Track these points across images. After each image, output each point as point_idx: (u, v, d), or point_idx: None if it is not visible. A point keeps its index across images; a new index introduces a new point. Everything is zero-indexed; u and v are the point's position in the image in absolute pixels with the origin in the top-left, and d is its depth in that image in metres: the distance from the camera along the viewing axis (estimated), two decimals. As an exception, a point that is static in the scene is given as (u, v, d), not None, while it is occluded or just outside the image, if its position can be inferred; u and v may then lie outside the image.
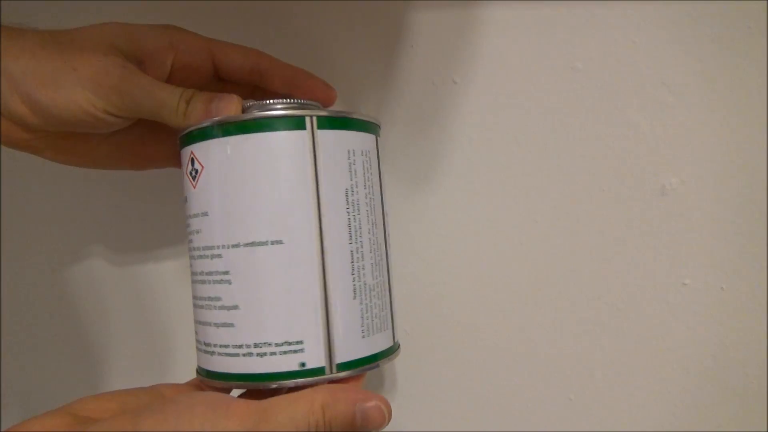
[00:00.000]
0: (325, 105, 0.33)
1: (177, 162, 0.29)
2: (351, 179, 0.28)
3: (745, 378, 0.33)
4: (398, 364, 0.40)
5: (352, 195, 0.28)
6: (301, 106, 0.29)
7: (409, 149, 0.38)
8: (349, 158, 0.28)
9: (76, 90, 0.27)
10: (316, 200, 0.27)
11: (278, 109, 0.28)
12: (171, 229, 0.44)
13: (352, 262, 0.27)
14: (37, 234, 0.48)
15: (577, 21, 0.34)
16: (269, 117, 0.27)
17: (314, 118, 0.27)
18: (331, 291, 0.27)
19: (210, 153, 0.27)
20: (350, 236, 0.27)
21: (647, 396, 0.35)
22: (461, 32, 0.36)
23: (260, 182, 0.26)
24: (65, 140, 0.30)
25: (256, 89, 0.33)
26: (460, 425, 0.39)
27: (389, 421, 0.25)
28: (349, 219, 0.27)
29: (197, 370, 0.29)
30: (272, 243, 0.26)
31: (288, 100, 0.29)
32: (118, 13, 0.42)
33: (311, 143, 0.27)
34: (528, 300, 0.37)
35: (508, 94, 0.36)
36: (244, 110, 0.28)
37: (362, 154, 0.28)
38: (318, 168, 0.27)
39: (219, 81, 0.33)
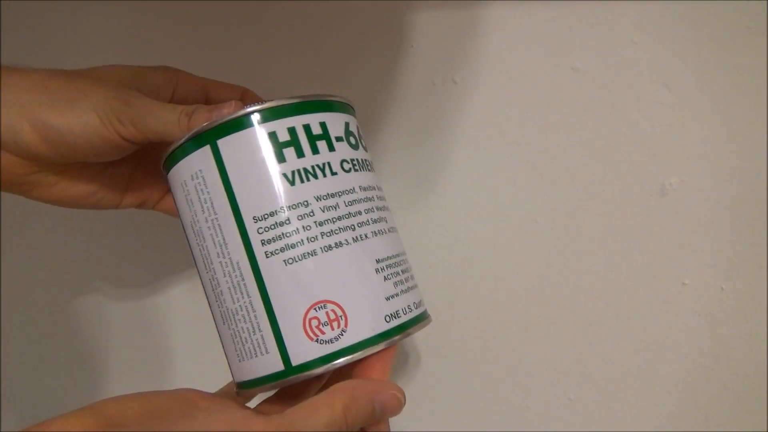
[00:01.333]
0: None
1: (163, 205, 0.35)
2: (190, 210, 0.28)
3: (745, 378, 0.33)
4: (398, 364, 0.40)
5: (196, 225, 0.28)
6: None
7: (408, 149, 0.38)
8: (183, 190, 0.28)
9: (90, 113, 0.28)
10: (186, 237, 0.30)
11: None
12: (172, 235, 0.44)
13: (212, 290, 0.28)
14: (37, 234, 0.48)
15: (577, 21, 0.34)
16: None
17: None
18: (216, 319, 0.29)
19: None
20: (205, 266, 0.28)
21: (647, 396, 0.35)
22: (461, 32, 0.36)
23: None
24: (61, 174, 0.31)
25: None
26: (460, 425, 0.39)
27: (404, 405, 0.26)
28: (199, 249, 0.28)
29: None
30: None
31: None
32: (120, 12, 0.42)
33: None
34: (528, 300, 0.37)
35: (508, 94, 0.36)
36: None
37: (193, 178, 0.27)
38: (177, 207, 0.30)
39: None
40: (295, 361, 0.26)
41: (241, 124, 0.27)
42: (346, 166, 0.28)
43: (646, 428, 0.35)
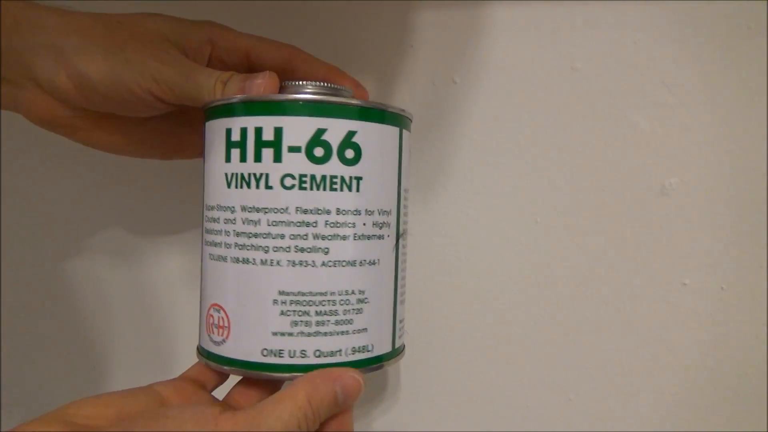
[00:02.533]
0: None
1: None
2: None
3: (745, 378, 0.33)
4: (399, 364, 0.40)
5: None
6: (335, 91, 0.28)
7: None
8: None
9: (124, 69, 0.27)
10: None
11: (308, 91, 0.27)
12: (174, 226, 0.44)
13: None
14: (37, 231, 0.48)
15: (577, 21, 0.34)
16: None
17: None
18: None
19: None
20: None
21: (647, 396, 0.35)
22: (461, 32, 0.36)
23: None
24: (102, 121, 0.31)
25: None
26: (460, 425, 0.39)
27: (363, 388, 0.26)
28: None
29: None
30: None
31: (322, 84, 0.28)
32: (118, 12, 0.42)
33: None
34: (528, 300, 0.37)
35: (508, 94, 0.36)
36: (281, 89, 0.28)
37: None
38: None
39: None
40: (202, 347, 0.28)
41: (217, 112, 0.27)
42: (289, 182, 0.25)
43: (646, 428, 0.35)
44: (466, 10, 0.35)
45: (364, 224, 0.26)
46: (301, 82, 0.27)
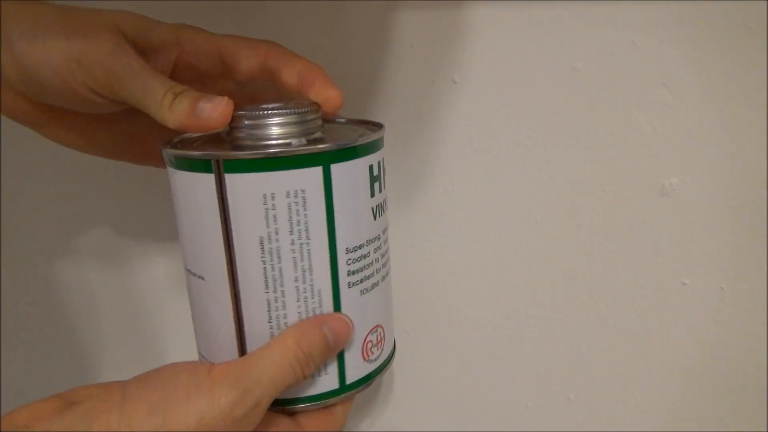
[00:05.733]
0: (329, 111, 0.30)
1: None
2: (267, 227, 0.25)
3: (745, 378, 0.33)
4: (399, 363, 0.40)
5: (269, 243, 0.25)
6: (296, 115, 0.27)
7: (408, 149, 0.38)
8: (265, 203, 0.25)
9: (58, 56, 0.26)
10: (225, 247, 0.26)
11: (267, 120, 0.26)
12: (164, 227, 0.44)
13: (269, 310, 0.26)
14: (32, 231, 0.48)
15: (577, 21, 0.34)
16: (184, 157, 0.26)
17: (221, 162, 0.24)
18: (246, 335, 0.27)
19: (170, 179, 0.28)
20: (266, 285, 0.26)
21: (647, 396, 0.35)
22: (461, 32, 0.36)
23: (184, 219, 0.27)
24: (64, 118, 0.29)
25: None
26: (460, 425, 0.39)
27: (353, 328, 0.27)
28: (264, 268, 0.26)
29: None
30: (197, 276, 0.27)
31: (286, 108, 0.27)
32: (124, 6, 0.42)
33: (218, 188, 0.25)
34: (528, 300, 0.37)
35: (508, 93, 0.36)
36: (234, 118, 0.26)
37: (288, 196, 0.25)
38: (227, 214, 0.25)
39: (233, 83, 0.31)
40: (350, 380, 0.29)
41: (354, 152, 0.26)
42: (379, 211, 0.29)
43: (646, 428, 0.35)
44: (466, 11, 0.35)
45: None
46: (261, 111, 0.26)
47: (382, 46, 0.38)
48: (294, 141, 0.26)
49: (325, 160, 0.25)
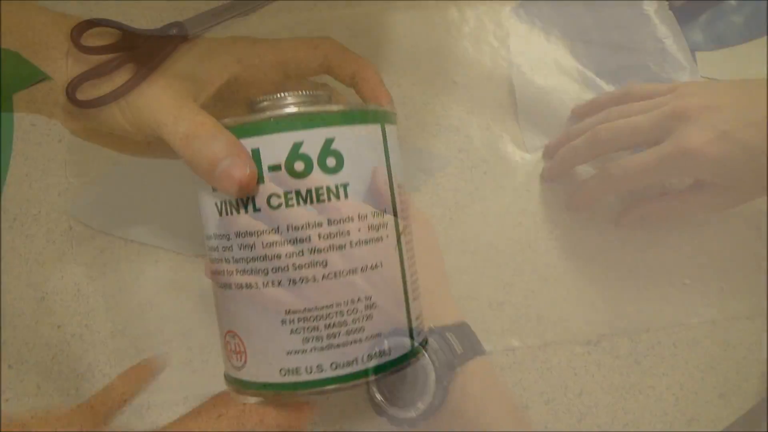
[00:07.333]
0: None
1: None
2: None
3: (745, 378, 0.33)
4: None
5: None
6: (313, 99, 0.26)
7: (408, 149, 0.38)
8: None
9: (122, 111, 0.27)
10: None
11: (284, 104, 0.26)
12: (164, 227, 0.44)
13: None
14: (23, 231, 0.48)
15: (577, 21, 0.34)
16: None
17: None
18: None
19: None
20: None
21: (647, 396, 0.35)
22: (461, 32, 0.36)
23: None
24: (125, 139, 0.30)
25: None
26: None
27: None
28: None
29: None
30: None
31: (300, 92, 0.26)
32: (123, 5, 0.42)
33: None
34: (528, 300, 0.37)
35: (507, 94, 0.36)
36: (255, 104, 0.27)
37: None
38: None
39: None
40: (227, 373, 0.27)
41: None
42: (275, 201, 0.25)
43: (646, 428, 0.35)
44: (466, 11, 0.36)
45: (359, 230, 0.26)
46: (279, 95, 0.26)
47: (381, 47, 0.38)
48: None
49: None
